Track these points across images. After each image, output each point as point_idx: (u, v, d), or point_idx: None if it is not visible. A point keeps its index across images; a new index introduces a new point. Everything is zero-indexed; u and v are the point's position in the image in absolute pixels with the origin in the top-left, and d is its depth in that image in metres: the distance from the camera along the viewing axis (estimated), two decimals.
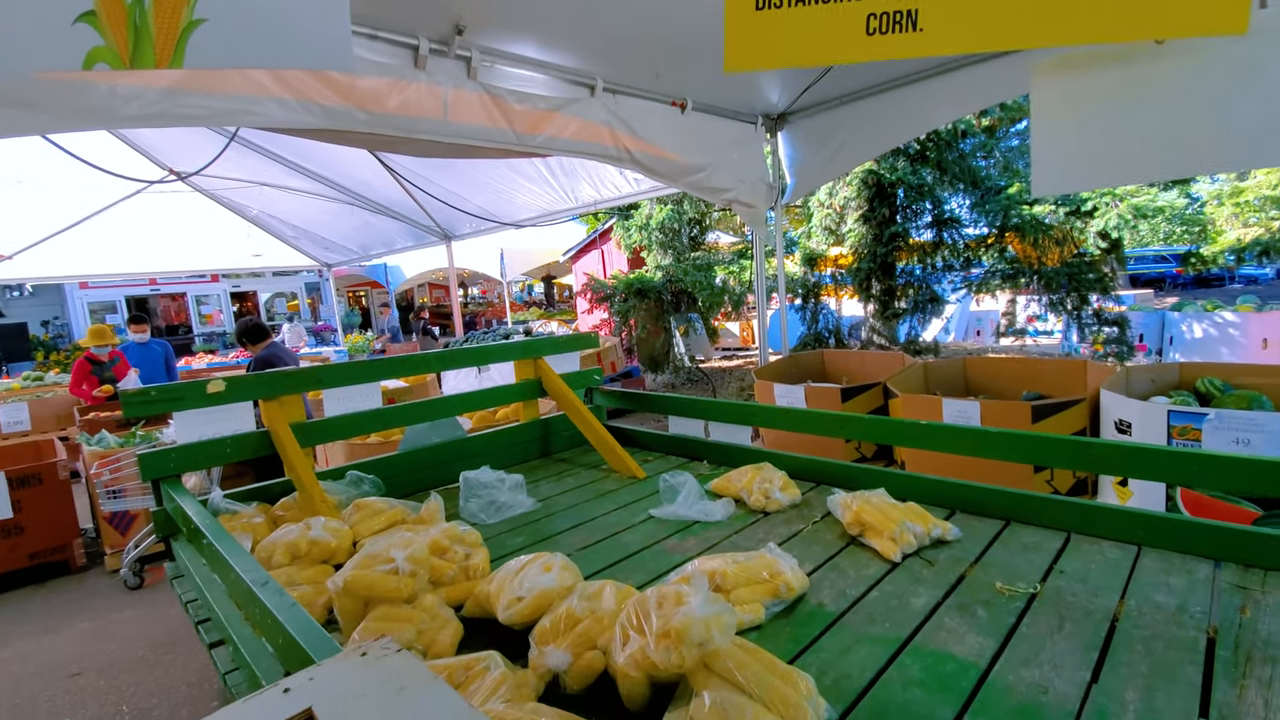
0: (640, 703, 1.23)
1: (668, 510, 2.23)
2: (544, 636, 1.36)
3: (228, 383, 2.20)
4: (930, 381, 4.80)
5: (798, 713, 1.08)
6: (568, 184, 6.05)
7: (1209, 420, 3.35)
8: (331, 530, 1.89)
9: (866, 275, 7.65)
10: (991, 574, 1.70)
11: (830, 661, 1.37)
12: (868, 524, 1.91)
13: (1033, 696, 1.23)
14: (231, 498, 2.18)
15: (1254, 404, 3.70)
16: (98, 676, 3.07)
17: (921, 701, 1.24)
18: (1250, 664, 1.29)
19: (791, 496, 2.26)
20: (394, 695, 0.81)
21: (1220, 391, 3.98)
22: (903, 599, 1.60)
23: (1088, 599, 1.55)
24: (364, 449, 3.84)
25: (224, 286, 16.09)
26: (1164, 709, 1.18)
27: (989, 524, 2.00)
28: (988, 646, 1.39)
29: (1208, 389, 4.03)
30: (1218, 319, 8.05)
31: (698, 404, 2.99)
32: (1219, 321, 8.07)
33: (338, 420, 2.44)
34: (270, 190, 7.90)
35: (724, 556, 1.68)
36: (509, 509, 2.34)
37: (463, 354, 2.88)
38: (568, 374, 3.17)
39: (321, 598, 1.66)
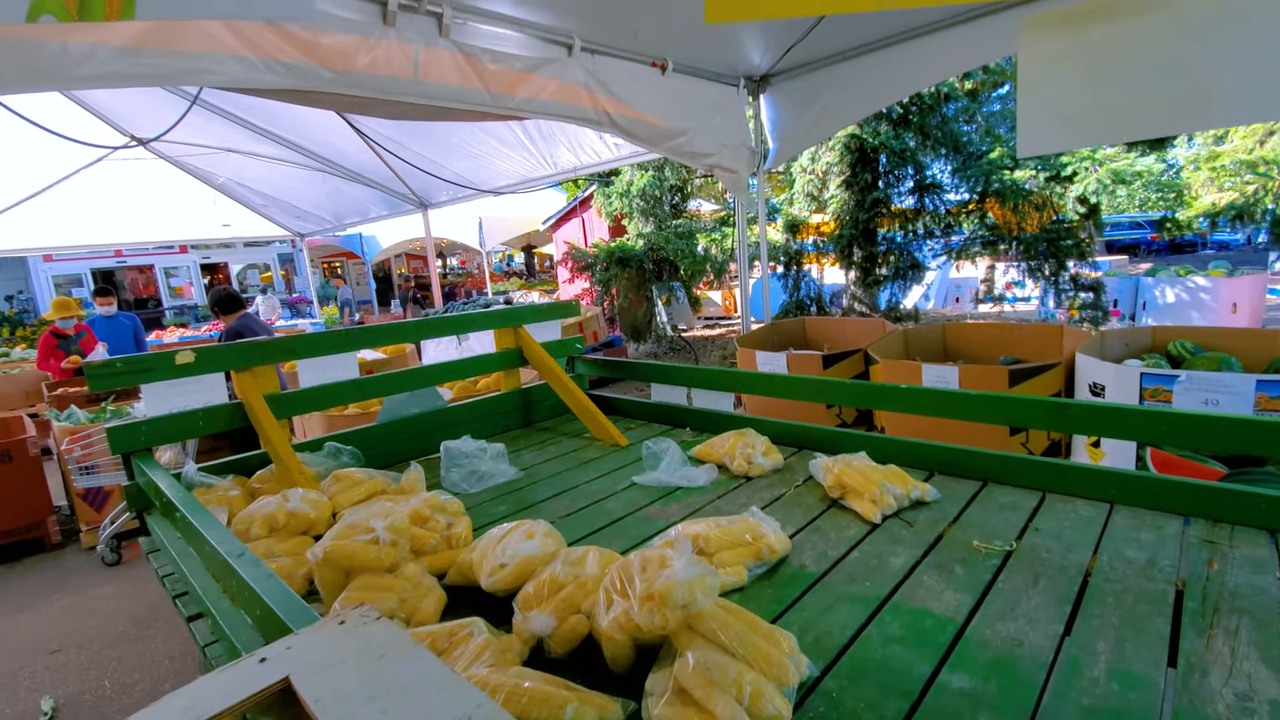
0: (624, 664, 1.23)
1: (651, 477, 2.23)
2: (527, 602, 1.36)
3: (197, 354, 2.13)
4: (910, 347, 4.84)
5: (780, 670, 1.09)
6: (546, 149, 5.92)
7: (1180, 382, 3.42)
8: (310, 502, 1.86)
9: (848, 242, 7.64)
10: (969, 533, 1.73)
11: (812, 620, 1.39)
12: (849, 487, 1.93)
13: (1008, 649, 1.26)
14: (206, 470, 2.14)
15: (1223, 366, 3.79)
16: (78, 652, 3.04)
17: (900, 657, 1.26)
18: (1217, 615, 1.33)
19: (774, 461, 2.27)
20: (374, 662, 0.80)
21: (1191, 354, 4.06)
22: (882, 559, 1.63)
23: (1061, 555, 1.59)
24: (342, 420, 3.79)
25: (193, 258, 15.62)
26: (1133, 659, 1.22)
27: (967, 485, 2.03)
28: (965, 603, 1.42)
29: (1179, 352, 4.11)
30: (1190, 284, 8.20)
31: (680, 371, 2.98)
32: (1191, 286, 8.22)
33: (313, 391, 2.39)
34: (237, 157, 7.64)
35: (707, 521, 1.69)
36: (491, 478, 2.32)
37: (441, 323, 2.83)
38: (549, 343, 3.14)
39: (302, 569, 1.65)
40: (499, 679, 1.05)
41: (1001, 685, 1.16)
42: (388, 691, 0.74)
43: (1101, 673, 1.19)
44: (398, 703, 0.72)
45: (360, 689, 0.75)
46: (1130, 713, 1.09)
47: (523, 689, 1.02)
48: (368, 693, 0.74)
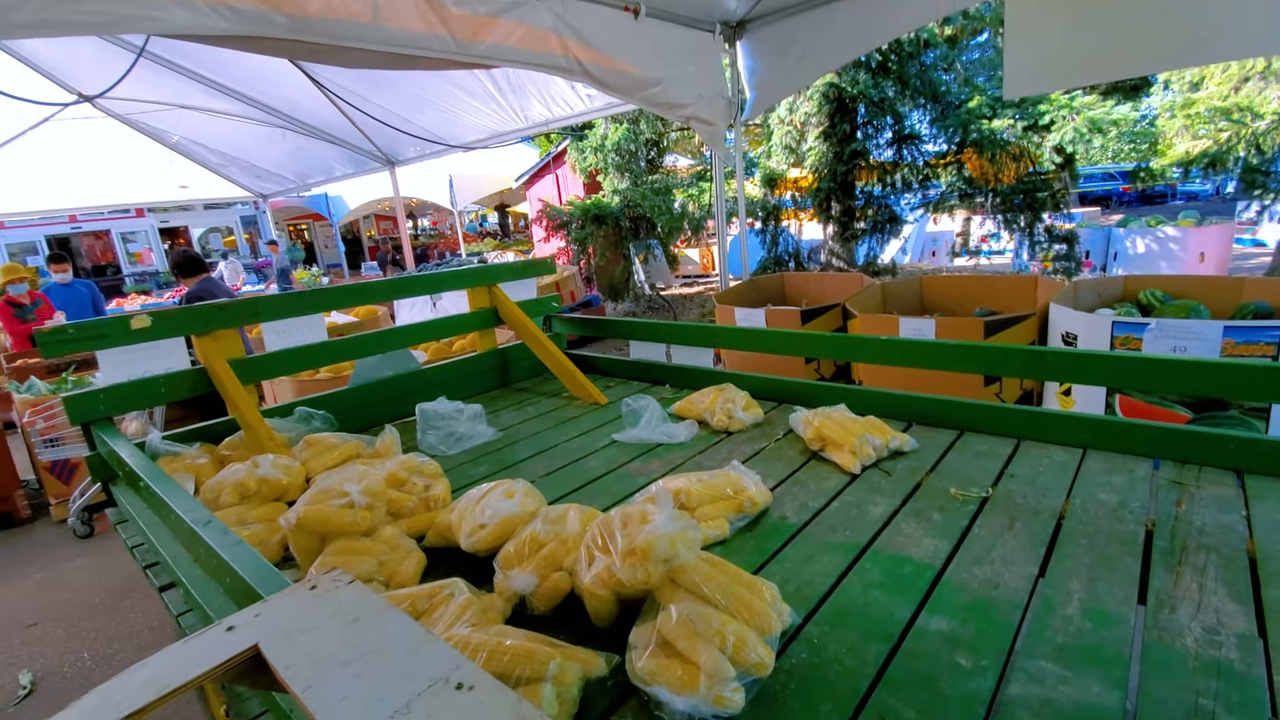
0: (608, 619, 1.23)
1: (631, 434, 2.22)
2: (508, 561, 1.34)
3: (154, 318, 2.04)
4: (888, 301, 4.85)
5: (763, 619, 1.09)
6: (517, 102, 5.71)
7: (1149, 330, 3.48)
8: (281, 467, 1.82)
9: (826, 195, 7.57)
10: (946, 481, 1.74)
11: (793, 570, 1.40)
12: (829, 439, 1.93)
13: (985, 592, 1.28)
14: (171, 439, 2.07)
15: (1191, 313, 3.86)
16: (54, 626, 3.00)
17: (881, 602, 1.27)
18: (1185, 553, 1.36)
19: (754, 416, 2.26)
20: (347, 626, 0.77)
21: (1160, 302, 4.13)
22: (862, 508, 1.64)
23: (1036, 500, 1.61)
24: (313, 385, 3.71)
25: (151, 222, 14.96)
26: (1105, 597, 1.25)
27: (944, 434, 2.05)
28: (942, 548, 1.44)
29: (1149, 300, 4.18)
30: (1160, 234, 8.31)
31: (658, 328, 2.95)
32: (1161, 237, 8.34)
33: (280, 355, 2.31)
34: (191, 114, 7.28)
35: (688, 476, 1.68)
36: (469, 440, 2.29)
37: (412, 282, 2.75)
38: (524, 302, 3.07)
39: (276, 536, 1.61)
40: (481, 638, 1.03)
41: (978, 626, 1.19)
42: (362, 655, 0.72)
43: (1074, 611, 1.21)
44: (372, 666, 0.70)
45: (333, 654, 0.72)
46: (1102, 649, 1.12)
47: (505, 647, 1.01)
48: (341, 657, 0.72)
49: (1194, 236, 8.23)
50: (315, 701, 0.66)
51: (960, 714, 0.99)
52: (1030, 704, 1.01)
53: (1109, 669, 1.07)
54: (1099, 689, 1.03)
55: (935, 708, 1.01)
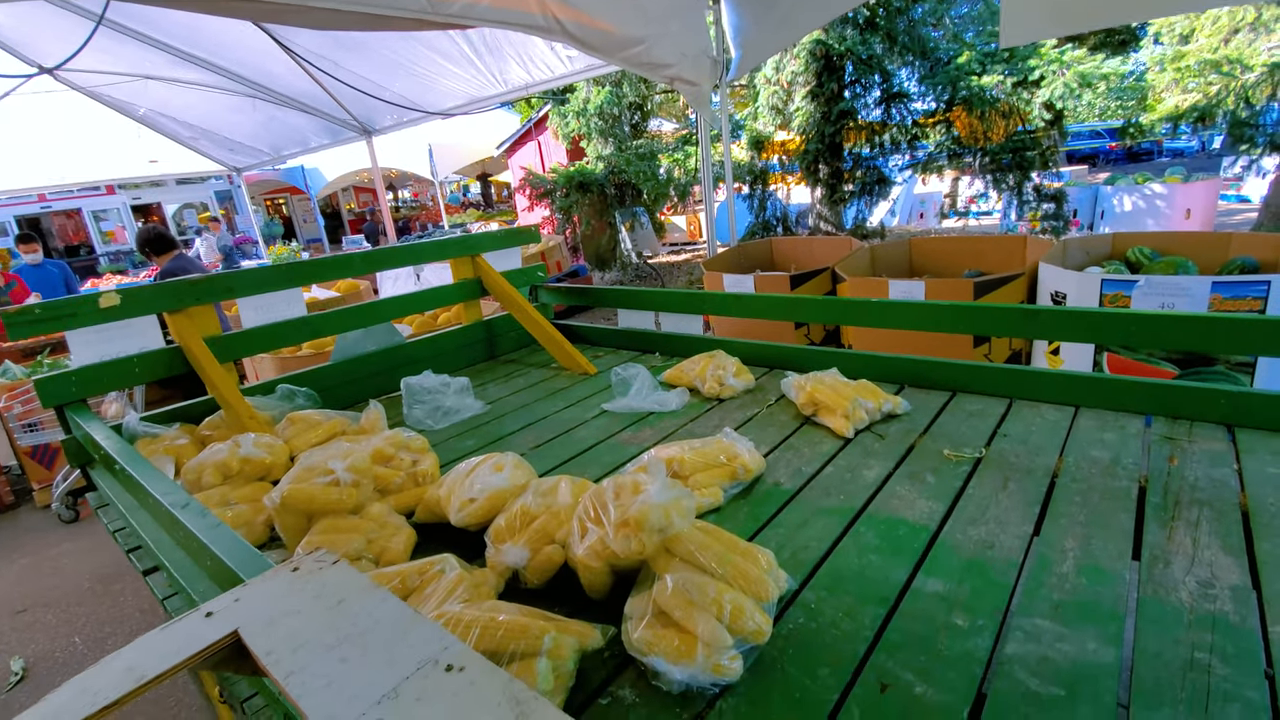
0: (602, 591, 1.21)
1: (621, 403, 2.19)
2: (500, 535, 1.32)
3: (124, 296, 1.96)
4: (877, 264, 4.82)
5: (759, 586, 1.08)
6: (495, 65, 5.53)
7: (1138, 287, 3.48)
8: (264, 446, 1.77)
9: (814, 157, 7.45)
10: (939, 442, 1.74)
11: (788, 536, 1.39)
12: (821, 403, 1.92)
13: (980, 552, 1.28)
14: (150, 420, 2.02)
15: (1179, 269, 3.86)
16: (44, 611, 2.97)
17: (876, 565, 1.27)
18: (1179, 508, 1.37)
19: (745, 382, 2.24)
20: (331, 609, 0.74)
21: (1149, 260, 4.12)
22: (856, 472, 1.63)
23: (1029, 459, 1.61)
24: (295, 362, 3.63)
25: (122, 199, 14.52)
26: (1099, 553, 1.25)
27: (936, 396, 2.04)
28: (937, 510, 1.43)
29: (1137, 258, 4.17)
30: (1147, 191, 8.30)
31: (647, 295, 2.90)
32: (1148, 194, 8.33)
33: (258, 332, 2.24)
34: (157, 84, 6.99)
35: (680, 444, 1.66)
36: (456, 413, 2.25)
37: (392, 253, 2.67)
38: (509, 271, 3.01)
39: (260, 516, 1.58)
40: (473, 614, 1.01)
41: (974, 587, 1.18)
42: (347, 638, 0.69)
43: (1070, 569, 1.21)
44: (358, 649, 0.67)
45: (317, 637, 0.70)
46: (1098, 605, 1.12)
47: (498, 622, 0.99)
48: (325, 641, 0.69)
49: (1180, 193, 8.23)
50: (298, 688, 0.63)
51: (958, 674, 0.99)
52: (1027, 662, 1.01)
53: (1105, 625, 1.07)
54: (1095, 645, 1.03)
55: (933, 669, 1.00)
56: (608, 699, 1.01)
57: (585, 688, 1.04)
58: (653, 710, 0.98)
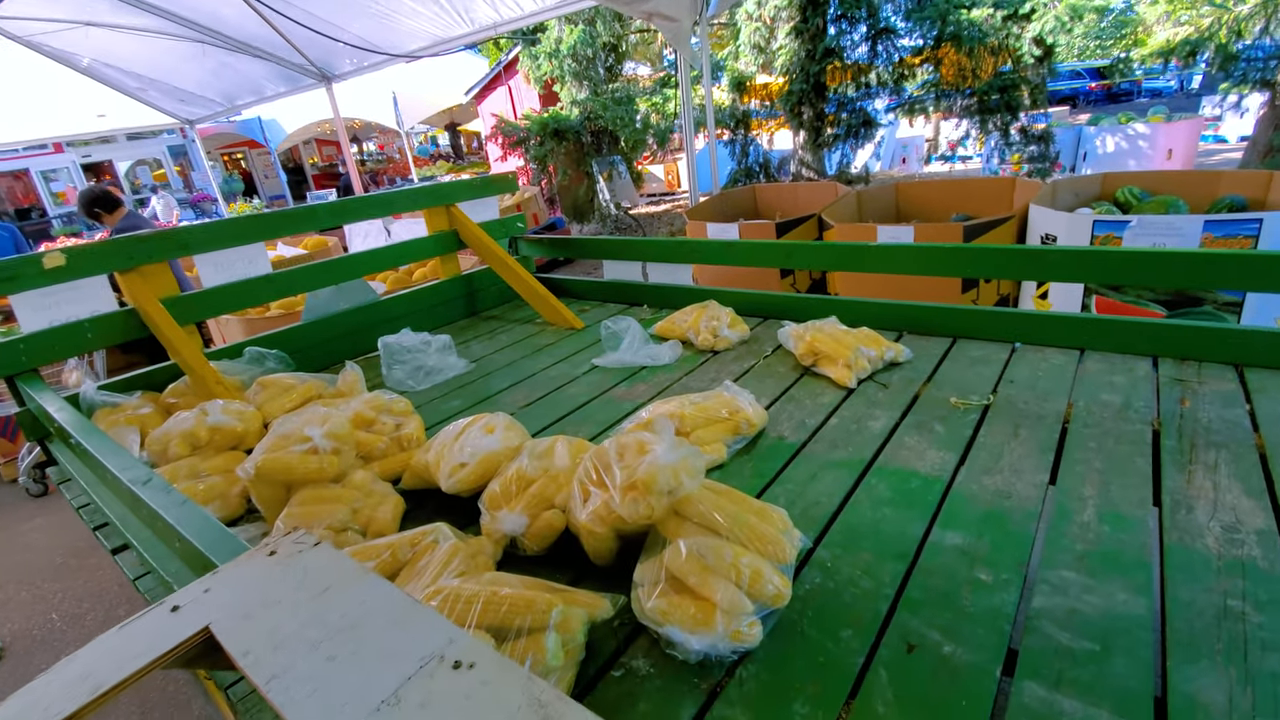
0: (607, 557, 1.15)
1: (612, 358, 2.10)
2: (495, 501, 1.24)
3: (69, 255, 1.80)
4: (863, 210, 4.72)
5: (776, 548, 1.02)
6: (460, 2, 5.19)
7: (1130, 227, 3.43)
8: (234, 413, 1.66)
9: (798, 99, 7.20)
10: (945, 390, 1.68)
11: (797, 491, 1.33)
12: (821, 353, 1.85)
13: (997, 502, 1.23)
14: (109, 388, 1.88)
15: (1170, 209, 3.82)
16: (18, 589, 2.85)
17: (891, 519, 1.22)
18: (1195, 450, 1.33)
19: (740, 333, 2.16)
20: (315, 598, 0.66)
21: (1138, 200, 4.08)
22: (861, 423, 1.57)
23: (1038, 404, 1.56)
24: (264, 323, 3.46)
25: (71, 157, 13.67)
26: (1120, 500, 1.21)
27: (936, 342, 1.98)
28: (949, 460, 1.38)
29: (1127, 198, 4.12)
30: (1130, 131, 8.23)
31: (633, 245, 2.78)
32: (1130, 134, 8.26)
33: (219, 291, 2.09)
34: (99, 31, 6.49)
35: (679, 399, 1.58)
36: (439, 373, 2.15)
37: (361, 203, 2.50)
38: (487, 223, 2.86)
39: (235, 487, 1.48)
40: (473, 589, 0.94)
41: (994, 539, 1.14)
42: (336, 632, 0.61)
43: (1091, 517, 1.17)
44: (349, 645, 0.59)
45: (300, 632, 0.61)
46: (1123, 554, 1.08)
47: (501, 597, 0.92)
48: (310, 636, 0.61)
49: (1163, 133, 8.17)
50: (282, 695, 0.55)
51: (986, 632, 0.95)
52: (1056, 616, 0.96)
53: (1132, 574, 1.03)
54: (1124, 596, 0.99)
55: (959, 626, 0.96)
56: (621, 671, 0.96)
57: (596, 659, 0.98)
58: (668, 681, 0.93)
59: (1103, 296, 3.54)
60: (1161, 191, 4.05)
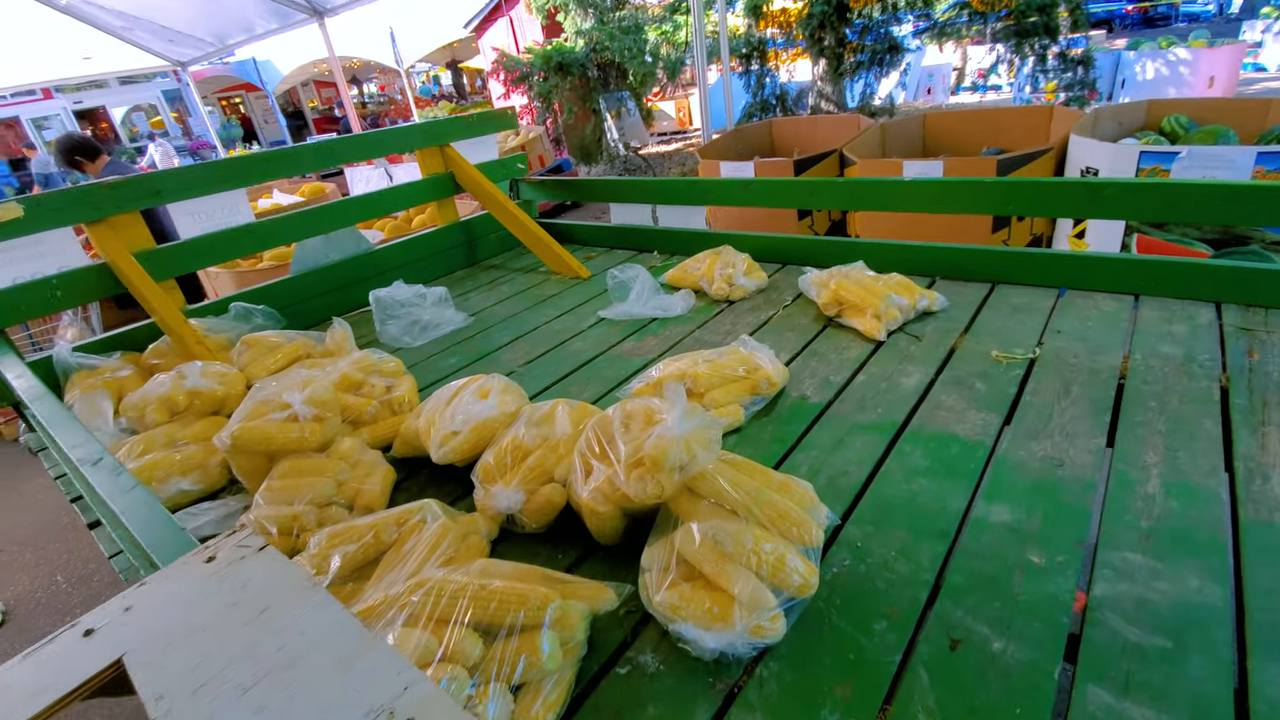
0: (613, 537, 1.04)
1: (620, 309, 1.96)
2: (488, 474, 1.13)
3: (26, 205, 1.66)
4: (887, 145, 4.43)
5: (802, 529, 0.90)
6: None
7: (1179, 159, 3.17)
8: (215, 376, 1.55)
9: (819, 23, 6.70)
10: (984, 342, 1.53)
11: (822, 459, 1.21)
12: (847, 302, 1.69)
13: (1048, 471, 1.10)
14: (84, 349, 1.77)
15: (1219, 139, 3.53)
16: (21, 550, 2.84)
17: (929, 491, 1.09)
18: (1268, 409, 1.18)
19: (757, 280, 2.00)
20: (250, 623, 0.54)
21: (1185, 129, 3.78)
22: (892, 380, 1.43)
23: (1090, 358, 1.41)
24: (255, 275, 3.32)
25: (63, 103, 13.30)
26: (1188, 468, 1.07)
27: (974, 288, 1.81)
28: (992, 422, 1.24)
29: (1173, 128, 3.82)
30: (1171, 57, 7.67)
31: (642, 186, 2.59)
32: (1171, 60, 7.70)
33: (196, 243, 1.94)
34: None
35: (691, 355, 1.45)
36: (436, 328, 2.02)
37: (349, 144, 2.32)
38: (485, 164, 2.67)
39: (215, 457, 1.38)
40: (460, 581, 0.83)
41: (1047, 514, 1.01)
42: (269, 673, 0.49)
43: (1156, 488, 1.04)
44: (282, 692, 0.48)
45: (227, 671, 0.50)
46: (1194, 532, 0.95)
47: (490, 591, 0.81)
48: (239, 678, 0.49)
49: (1204, 59, 7.61)
50: None
51: (1042, 625, 0.83)
52: (1122, 606, 0.85)
53: (1206, 556, 0.91)
54: (1198, 582, 0.87)
55: (1011, 618, 0.85)
56: (627, 668, 0.86)
57: (600, 653, 0.88)
58: (680, 680, 0.83)
59: (1145, 235, 3.30)
60: (1209, 121, 3.74)
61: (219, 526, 1.21)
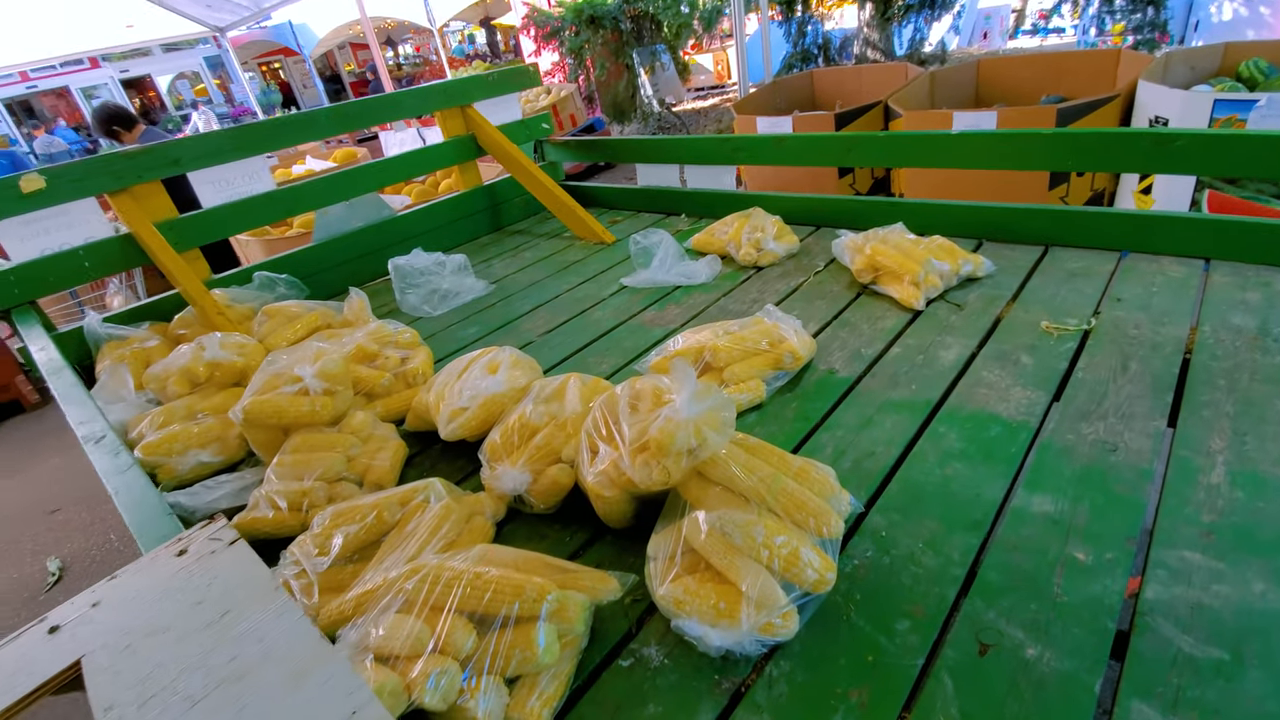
0: (622, 520, 0.99)
1: (642, 277, 1.89)
2: (496, 453, 1.09)
3: (48, 176, 1.66)
4: (936, 95, 4.16)
5: (821, 518, 0.84)
6: None
7: (1258, 107, 2.88)
8: (234, 347, 1.55)
9: None
10: (1034, 311, 1.41)
11: (848, 439, 1.13)
12: (883, 267, 1.58)
13: (1099, 456, 1.00)
14: (114, 319, 1.80)
15: None
16: (77, 510, 2.98)
17: (963, 477, 1.01)
18: None
19: (788, 245, 1.89)
20: (210, 627, 0.52)
21: (1264, 75, 3.43)
22: (930, 353, 1.33)
23: (1153, 329, 1.29)
24: (284, 243, 3.34)
25: (109, 72, 13.59)
26: (1257, 455, 0.96)
27: (1025, 251, 1.67)
28: (1038, 400, 1.14)
29: (1252, 73, 3.48)
30: None
31: (668, 144, 2.47)
32: None
33: (217, 212, 1.93)
34: None
35: (713, 327, 1.38)
36: (456, 296, 1.98)
37: (365, 108, 2.26)
38: (508, 125, 2.58)
39: (233, 430, 1.38)
40: (455, 567, 0.80)
41: (1095, 505, 0.92)
42: (220, 685, 0.46)
43: (1220, 478, 0.94)
44: (230, 708, 0.44)
45: (178, 682, 0.47)
46: (1261, 528, 0.85)
47: (485, 580, 0.78)
48: (190, 688, 0.47)
49: None
50: None
51: (1084, 631, 0.76)
52: (1176, 611, 0.76)
53: (1273, 556, 0.82)
54: (1263, 586, 0.78)
55: (1049, 621, 0.77)
56: (630, 660, 0.82)
57: (603, 643, 0.84)
58: (684, 675, 0.79)
59: (1217, 192, 3.04)
60: None
61: (235, 500, 1.21)
